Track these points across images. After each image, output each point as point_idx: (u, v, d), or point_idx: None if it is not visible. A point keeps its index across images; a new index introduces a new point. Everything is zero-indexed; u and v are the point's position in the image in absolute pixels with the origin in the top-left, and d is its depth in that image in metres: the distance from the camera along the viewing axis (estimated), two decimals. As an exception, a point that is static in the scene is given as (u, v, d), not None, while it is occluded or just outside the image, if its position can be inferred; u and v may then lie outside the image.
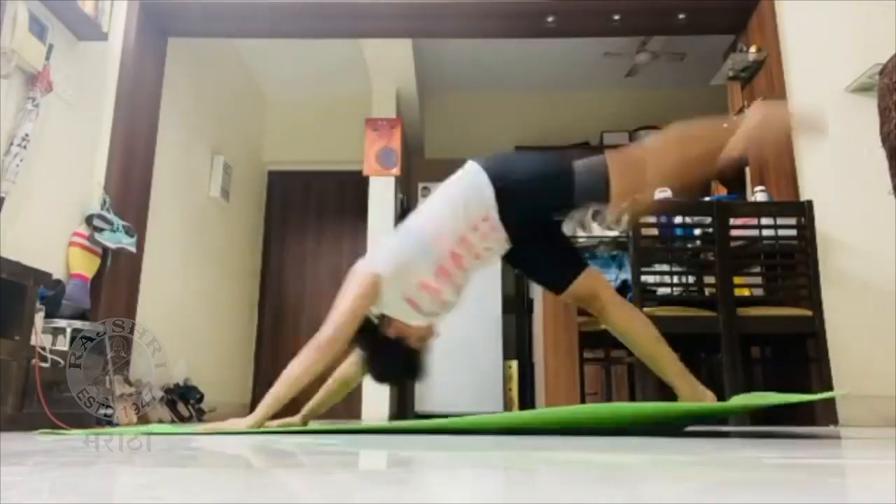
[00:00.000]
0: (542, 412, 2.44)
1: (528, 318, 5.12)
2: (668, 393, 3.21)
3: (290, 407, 1.99)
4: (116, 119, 3.35)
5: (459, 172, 2.06)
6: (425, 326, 2.01)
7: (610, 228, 2.33)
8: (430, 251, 1.94)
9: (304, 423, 2.24)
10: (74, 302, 2.78)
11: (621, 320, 2.06)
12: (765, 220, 2.76)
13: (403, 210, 5.56)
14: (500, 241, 2.00)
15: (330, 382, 2.20)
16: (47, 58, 2.78)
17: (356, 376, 2.19)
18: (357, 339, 1.97)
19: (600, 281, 2.10)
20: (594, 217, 2.46)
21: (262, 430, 1.91)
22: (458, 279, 2.00)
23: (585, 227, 2.88)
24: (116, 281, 3.27)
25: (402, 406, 5.25)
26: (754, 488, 0.80)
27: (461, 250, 1.95)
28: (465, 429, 1.95)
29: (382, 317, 1.99)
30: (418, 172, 5.92)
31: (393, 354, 2.00)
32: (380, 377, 2.13)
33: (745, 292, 3.06)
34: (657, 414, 1.88)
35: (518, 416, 2.68)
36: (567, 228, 2.19)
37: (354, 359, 2.14)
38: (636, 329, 2.05)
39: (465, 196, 1.97)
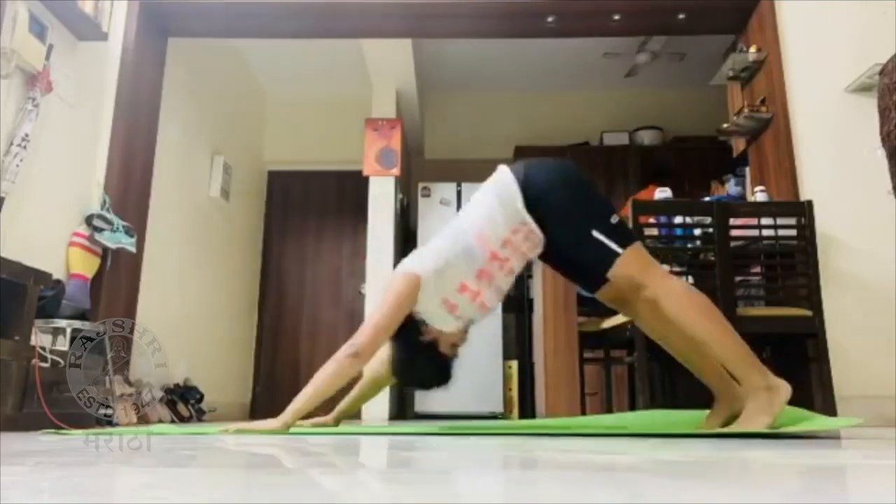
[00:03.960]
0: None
1: (528, 318, 5.12)
2: (668, 396, 3.22)
3: (324, 404, 1.96)
4: (116, 119, 3.35)
5: (493, 178, 2.00)
6: (458, 332, 1.97)
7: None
8: (473, 253, 1.89)
9: (337, 423, 2.23)
10: (74, 302, 2.78)
11: (672, 313, 1.87)
12: (765, 220, 2.76)
13: (403, 210, 5.56)
14: (538, 244, 1.95)
15: (362, 382, 2.18)
16: (47, 58, 2.78)
17: (389, 375, 2.16)
18: (393, 338, 1.93)
19: (638, 267, 1.90)
20: None
21: (290, 430, 1.90)
22: (500, 282, 1.96)
23: None
24: (116, 281, 3.27)
25: (402, 406, 5.25)
26: (754, 488, 0.80)
27: (506, 252, 1.91)
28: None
29: (419, 321, 1.94)
30: (418, 172, 5.92)
31: (423, 359, 1.94)
32: (407, 381, 2.08)
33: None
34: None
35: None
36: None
37: (386, 357, 2.09)
38: (687, 324, 1.86)
39: (501, 202, 1.92)
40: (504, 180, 1.95)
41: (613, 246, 1.88)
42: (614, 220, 1.93)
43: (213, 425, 2.83)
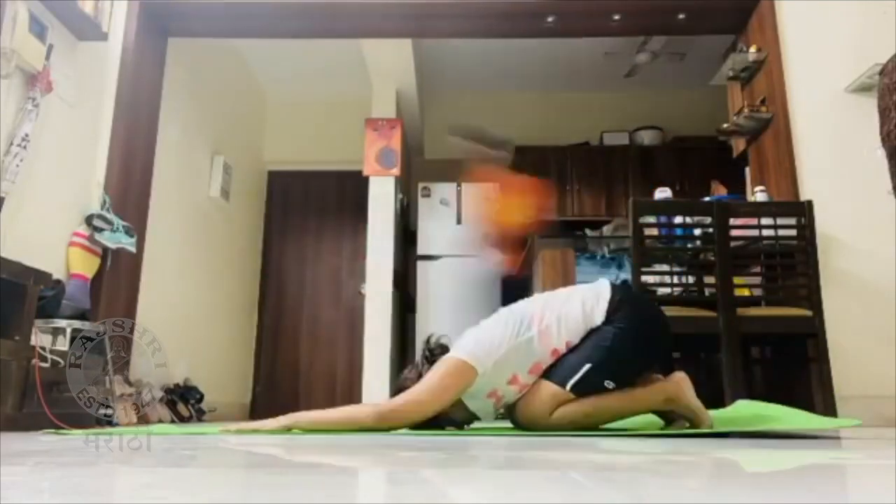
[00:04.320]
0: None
1: (528, 318, 5.11)
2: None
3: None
4: (116, 119, 3.35)
5: (593, 291, 1.94)
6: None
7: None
8: (532, 347, 1.84)
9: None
10: (74, 302, 2.78)
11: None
12: (765, 220, 2.76)
13: (403, 210, 5.56)
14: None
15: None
16: (47, 58, 2.77)
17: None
18: None
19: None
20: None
21: (290, 431, 1.89)
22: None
23: None
24: (116, 281, 3.27)
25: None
26: (754, 488, 0.80)
27: (563, 345, 1.86)
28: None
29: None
30: (418, 172, 5.92)
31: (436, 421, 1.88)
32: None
33: (745, 292, 3.06)
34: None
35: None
36: None
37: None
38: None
39: (584, 311, 1.88)
40: (600, 293, 1.91)
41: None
42: (608, 384, 1.83)
43: (214, 425, 2.83)
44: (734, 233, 2.77)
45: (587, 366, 1.82)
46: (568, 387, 1.81)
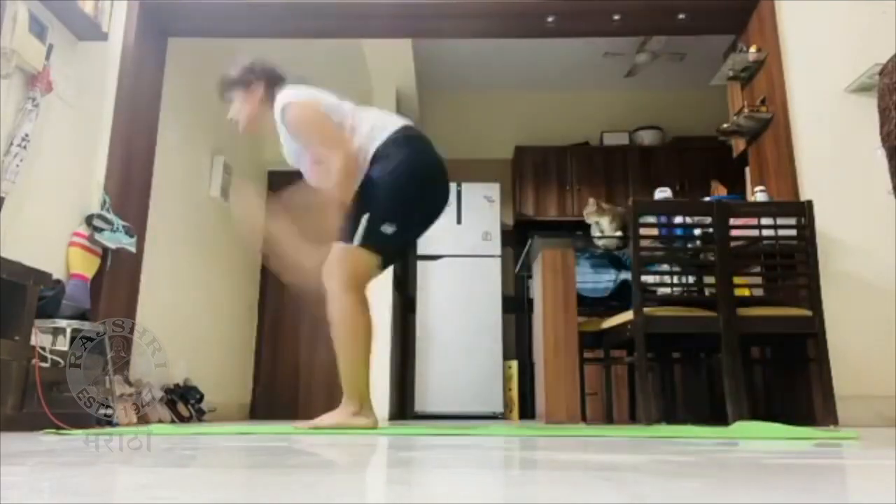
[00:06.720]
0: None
1: (528, 318, 5.13)
2: (667, 398, 3.22)
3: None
4: (116, 119, 3.35)
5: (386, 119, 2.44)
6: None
7: None
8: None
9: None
10: (74, 302, 2.78)
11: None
12: (765, 220, 2.76)
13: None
14: None
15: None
16: (47, 58, 2.78)
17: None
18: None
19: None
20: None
21: (295, 430, 1.92)
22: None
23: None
24: (116, 281, 3.27)
25: (402, 406, 5.25)
26: (754, 488, 0.80)
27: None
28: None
29: None
30: (418, 172, 5.91)
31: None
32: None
33: (745, 292, 3.06)
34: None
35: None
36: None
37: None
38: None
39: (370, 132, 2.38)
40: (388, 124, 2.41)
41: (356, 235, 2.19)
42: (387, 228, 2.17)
43: (217, 426, 2.84)
44: (734, 233, 2.77)
45: (365, 216, 2.18)
46: (355, 242, 2.19)
